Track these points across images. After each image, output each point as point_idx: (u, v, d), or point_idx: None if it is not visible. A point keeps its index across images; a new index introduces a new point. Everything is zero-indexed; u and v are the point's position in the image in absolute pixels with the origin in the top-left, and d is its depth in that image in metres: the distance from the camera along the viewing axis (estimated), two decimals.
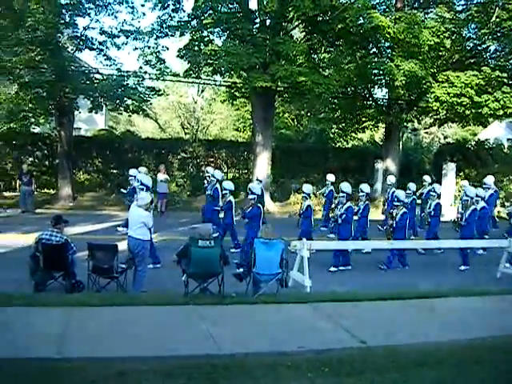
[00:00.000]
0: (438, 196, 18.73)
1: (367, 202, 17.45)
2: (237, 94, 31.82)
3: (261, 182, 21.82)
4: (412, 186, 19.57)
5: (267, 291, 11.00)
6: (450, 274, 14.89)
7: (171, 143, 34.79)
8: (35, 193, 25.63)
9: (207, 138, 44.47)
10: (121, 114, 33.92)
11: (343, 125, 34.36)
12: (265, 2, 25.29)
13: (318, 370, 7.07)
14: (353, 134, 36.96)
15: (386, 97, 31.46)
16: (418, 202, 20.79)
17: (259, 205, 15.56)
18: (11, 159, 30.11)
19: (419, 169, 34.55)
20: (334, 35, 26.75)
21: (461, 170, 30.99)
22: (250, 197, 15.64)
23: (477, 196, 17.16)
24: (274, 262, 10.98)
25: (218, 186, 18.20)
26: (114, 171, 31.18)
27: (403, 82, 24.87)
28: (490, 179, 21.06)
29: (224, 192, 16.85)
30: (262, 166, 27.42)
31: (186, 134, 48.60)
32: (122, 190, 19.95)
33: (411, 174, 23.98)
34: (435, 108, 27.15)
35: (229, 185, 16.96)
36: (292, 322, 9.20)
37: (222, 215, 17.18)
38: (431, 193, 18.54)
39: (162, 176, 24.15)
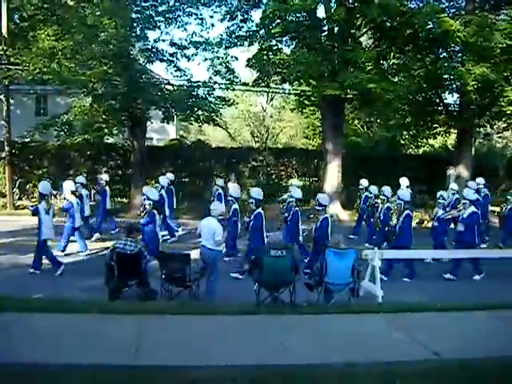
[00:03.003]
0: (388, 200, 17.47)
1: (296, 208, 16.43)
2: (306, 102, 31.80)
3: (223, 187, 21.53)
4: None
5: (338, 301, 10.98)
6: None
7: (241, 152, 35.14)
8: None
9: (277, 146, 44.72)
10: (191, 124, 34.40)
11: (414, 131, 33.89)
12: (332, 10, 25.27)
13: (390, 382, 7.03)
14: (424, 141, 36.44)
15: (458, 102, 30.90)
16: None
17: (154, 211, 14.87)
18: (86, 169, 30.95)
19: (492, 175, 33.77)
20: (402, 41, 26.35)
21: None
22: (146, 202, 15.00)
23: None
24: (345, 271, 10.92)
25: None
26: (186, 180, 31.61)
27: (475, 86, 24.39)
28: None
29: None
30: (333, 173, 27.32)
31: (255, 142, 48.98)
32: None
33: (485, 180, 23.53)
34: (509, 112, 26.56)
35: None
36: (364, 333, 9.14)
37: None
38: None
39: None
